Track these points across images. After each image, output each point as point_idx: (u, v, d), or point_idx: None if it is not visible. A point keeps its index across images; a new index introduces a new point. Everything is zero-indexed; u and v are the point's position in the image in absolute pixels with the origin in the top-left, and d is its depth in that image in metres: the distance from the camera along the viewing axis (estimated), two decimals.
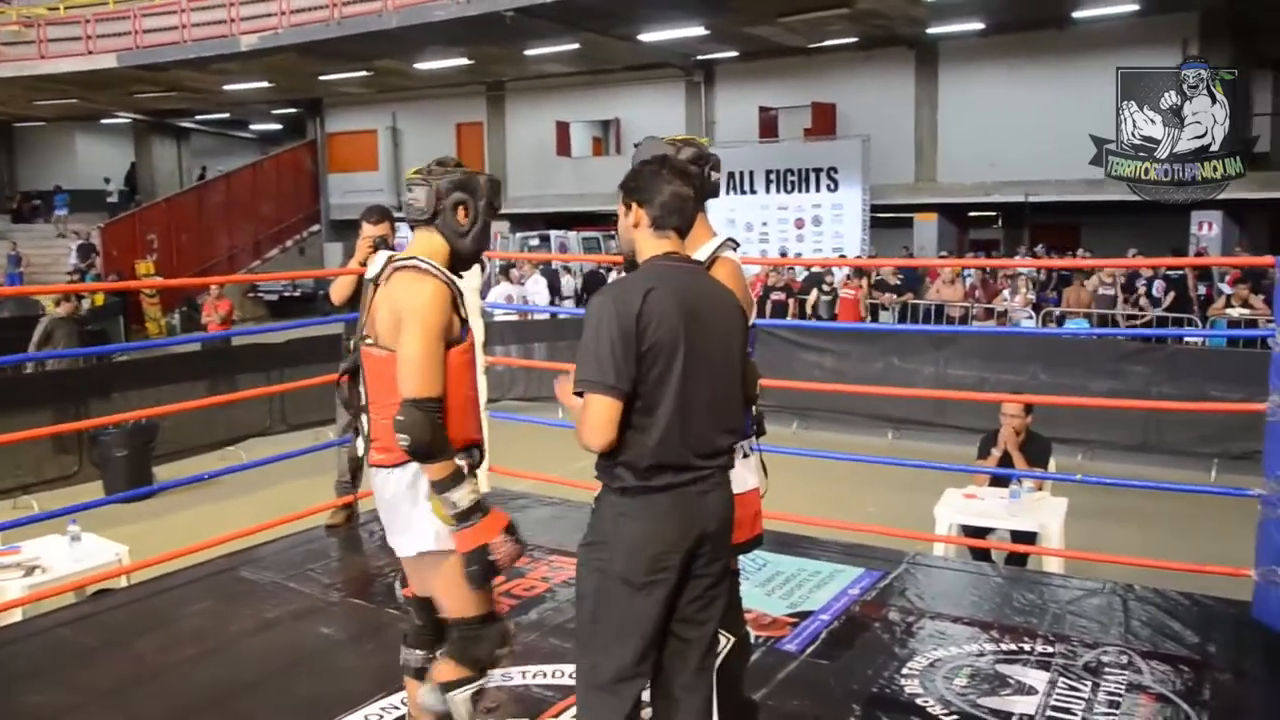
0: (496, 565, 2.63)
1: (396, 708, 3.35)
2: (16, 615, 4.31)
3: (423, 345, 2.56)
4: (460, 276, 2.79)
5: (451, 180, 2.77)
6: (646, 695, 2.52)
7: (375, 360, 2.67)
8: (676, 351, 2.36)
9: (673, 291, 2.40)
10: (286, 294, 22.73)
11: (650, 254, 2.50)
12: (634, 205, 2.52)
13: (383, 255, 2.81)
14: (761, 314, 13.23)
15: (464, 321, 2.71)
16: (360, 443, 2.82)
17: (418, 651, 2.90)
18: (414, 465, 2.61)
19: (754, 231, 18.75)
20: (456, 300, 2.68)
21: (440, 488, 2.57)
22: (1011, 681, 3.55)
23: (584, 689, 2.48)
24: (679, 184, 2.51)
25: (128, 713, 3.46)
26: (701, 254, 2.85)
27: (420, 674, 2.89)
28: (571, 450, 2.65)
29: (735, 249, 2.99)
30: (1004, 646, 3.83)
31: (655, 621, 2.41)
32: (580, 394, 2.38)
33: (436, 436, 2.54)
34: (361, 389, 2.77)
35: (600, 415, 2.34)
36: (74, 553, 4.71)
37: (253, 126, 30.71)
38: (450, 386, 2.62)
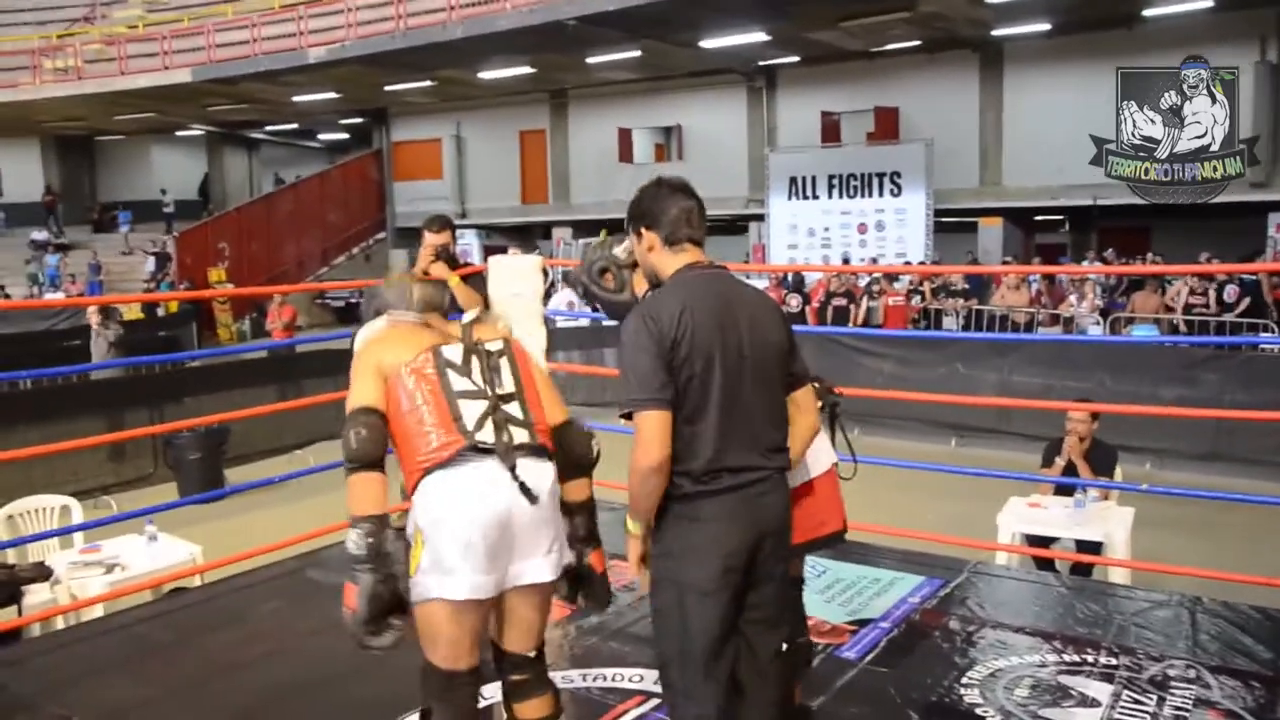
0: None
1: None
2: (98, 611, 4.48)
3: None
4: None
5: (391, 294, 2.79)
6: None
7: (522, 355, 2.68)
8: (714, 357, 2.42)
9: (704, 299, 2.46)
10: (353, 300, 23.13)
11: (674, 269, 2.55)
12: (643, 231, 2.58)
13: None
14: (822, 320, 13.18)
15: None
16: (521, 430, 2.52)
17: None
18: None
19: (816, 237, 18.67)
20: None
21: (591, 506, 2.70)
22: (1074, 693, 3.50)
23: (671, 697, 2.54)
24: (680, 197, 2.57)
25: (199, 708, 3.56)
26: None
27: None
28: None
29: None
30: (1067, 658, 3.78)
31: (728, 624, 2.46)
32: (629, 416, 2.43)
33: None
34: (507, 371, 2.61)
35: (654, 428, 2.39)
36: (151, 552, 4.88)
37: (320, 136, 31.31)
38: None
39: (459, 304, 5.35)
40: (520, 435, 2.49)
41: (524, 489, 2.43)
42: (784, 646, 2.70)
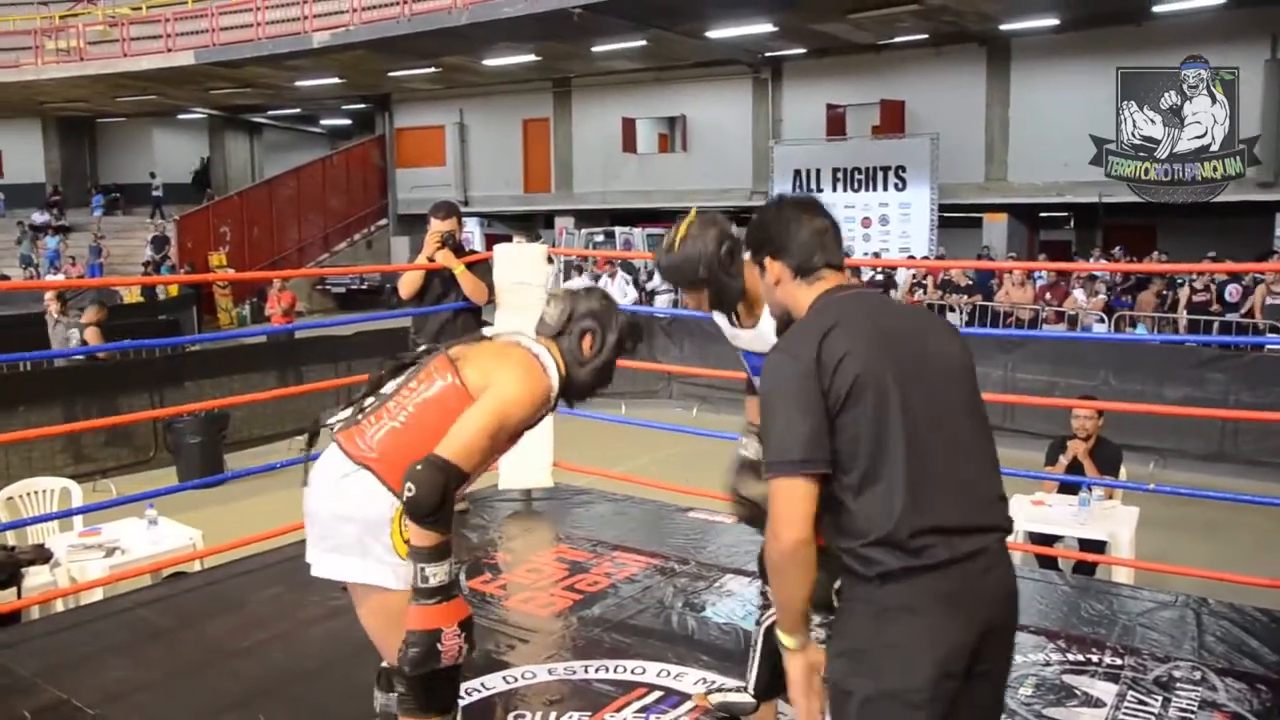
0: (440, 657, 2.32)
1: (460, 697, 3.38)
2: (98, 594, 4.46)
3: (490, 426, 2.33)
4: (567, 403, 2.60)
5: (590, 306, 2.57)
6: None
7: (442, 385, 2.41)
8: (886, 381, 1.88)
9: (860, 320, 1.97)
10: (354, 287, 23.12)
11: (810, 299, 2.09)
12: (768, 260, 2.16)
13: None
14: None
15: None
16: (345, 412, 2.49)
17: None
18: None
19: None
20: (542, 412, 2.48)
21: (418, 555, 2.28)
22: (1078, 693, 3.47)
23: None
24: (810, 217, 2.17)
25: (198, 692, 3.54)
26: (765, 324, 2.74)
27: None
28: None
29: None
30: (1071, 657, 3.75)
31: None
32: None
33: (444, 506, 2.26)
34: (399, 381, 2.49)
35: (786, 503, 1.87)
36: (151, 536, 4.87)
37: (323, 122, 31.24)
38: (481, 464, 2.40)
39: (464, 292, 5.33)
40: (339, 425, 2.46)
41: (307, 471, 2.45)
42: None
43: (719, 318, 3.05)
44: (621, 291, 14.49)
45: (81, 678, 3.61)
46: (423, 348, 2.58)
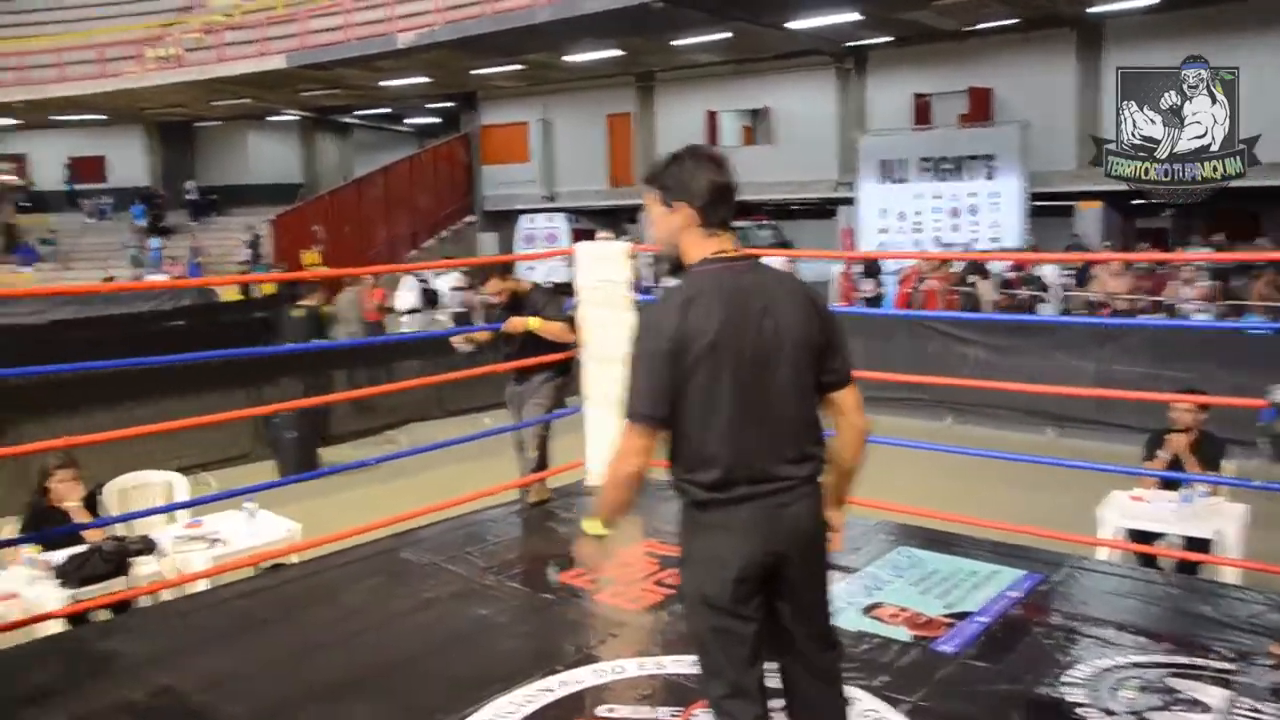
0: None
1: (550, 690, 3.42)
2: (202, 585, 4.61)
3: None
4: None
5: None
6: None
7: None
8: (725, 360, 2.29)
9: (719, 298, 2.32)
10: None
11: (698, 256, 2.41)
12: (674, 204, 2.41)
13: None
14: (914, 305, 12.93)
15: None
16: None
17: None
18: None
19: (907, 221, 18.30)
20: None
21: None
22: (1185, 697, 3.35)
23: (707, 706, 2.48)
24: (718, 173, 2.41)
25: (297, 681, 3.64)
26: None
27: None
28: None
29: None
30: (1177, 659, 3.63)
31: (748, 637, 2.35)
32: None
33: None
34: None
35: (631, 442, 2.36)
36: (251, 528, 5.01)
37: (410, 121, 31.74)
38: None
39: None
40: None
41: None
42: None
43: None
44: None
45: (185, 664, 3.74)
46: None
